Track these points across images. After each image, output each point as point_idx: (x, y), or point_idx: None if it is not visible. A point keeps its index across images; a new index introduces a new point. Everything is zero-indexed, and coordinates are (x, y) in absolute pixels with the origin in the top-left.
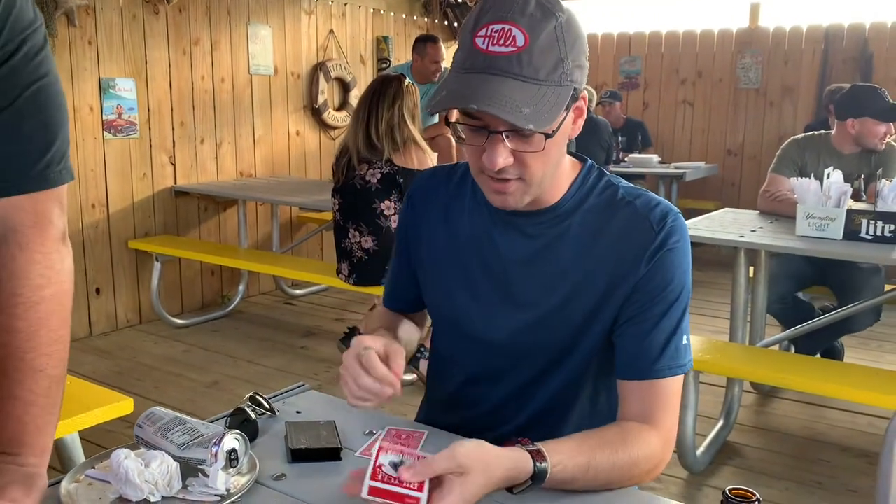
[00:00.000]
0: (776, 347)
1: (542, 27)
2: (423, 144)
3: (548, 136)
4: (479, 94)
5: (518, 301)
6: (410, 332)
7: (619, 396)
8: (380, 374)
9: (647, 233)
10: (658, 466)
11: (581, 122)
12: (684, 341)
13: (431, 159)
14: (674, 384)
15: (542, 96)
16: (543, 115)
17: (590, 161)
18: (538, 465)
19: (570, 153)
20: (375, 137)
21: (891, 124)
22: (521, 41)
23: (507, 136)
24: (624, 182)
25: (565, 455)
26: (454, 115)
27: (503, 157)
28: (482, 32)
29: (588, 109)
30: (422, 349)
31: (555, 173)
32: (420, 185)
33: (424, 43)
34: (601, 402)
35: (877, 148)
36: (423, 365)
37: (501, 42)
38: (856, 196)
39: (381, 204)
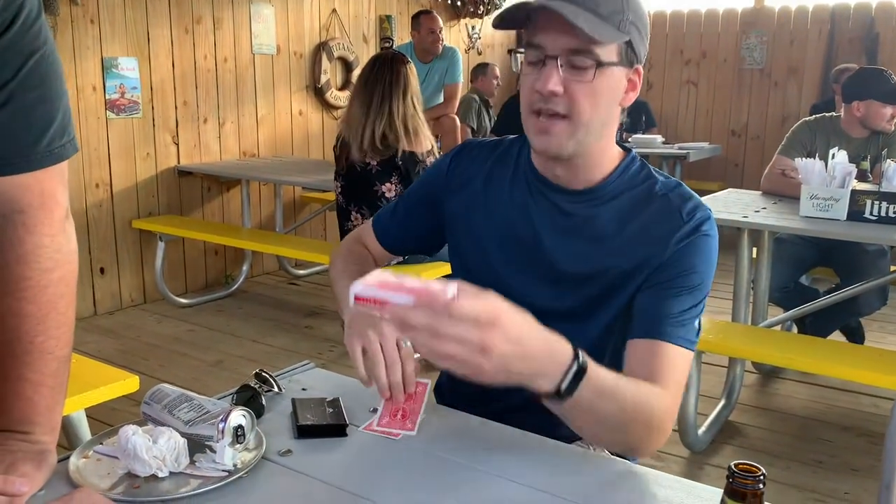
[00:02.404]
0: (778, 328)
1: None
2: (426, 127)
3: (599, 63)
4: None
5: (543, 269)
6: None
7: (626, 358)
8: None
9: (675, 221)
10: (663, 429)
11: (633, 95)
12: (696, 325)
13: (431, 141)
14: (681, 354)
15: (600, 25)
16: (597, 32)
17: (633, 151)
18: (581, 357)
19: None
20: (389, 130)
21: None
22: None
23: (561, 65)
24: (663, 175)
25: (597, 367)
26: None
27: (554, 80)
28: None
29: None
30: None
31: (602, 132)
32: (466, 152)
33: (418, 16)
34: None
35: (885, 130)
36: None
37: None
38: (862, 177)
39: (382, 186)
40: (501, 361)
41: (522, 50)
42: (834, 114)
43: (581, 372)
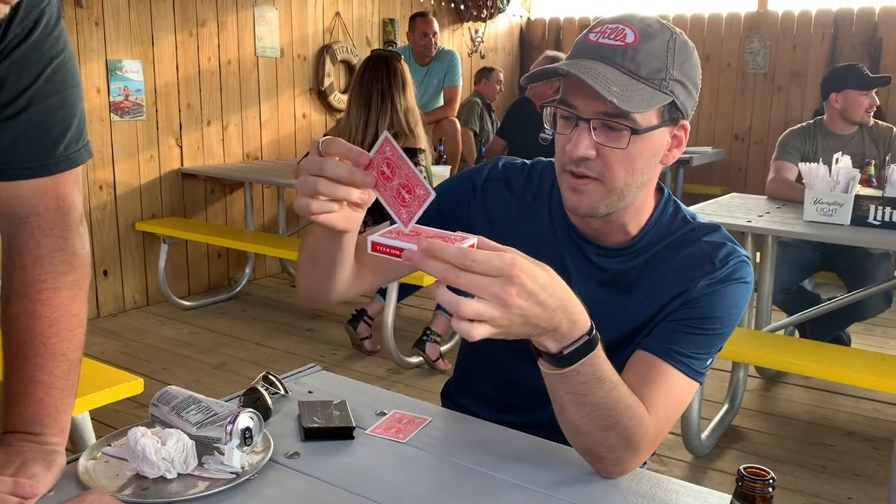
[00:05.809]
0: (781, 333)
1: (655, 35)
2: (421, 124)
3: (634, 131)
4: (573, 67)
5: None
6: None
7: (626, 365)
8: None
9: (706, 267)
10: (639, 452)
11: (677, 153)
12: (708, 362)
13: (424, 141)
14: (681, 381)
15: (637, 89)
16: (632, 101)
17: (666, 191)
18: (594, 332)
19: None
20: (392, 127)
21: (874, 95)
22: (630, 38)
23: (594, 128)
24: (699, 218)
25: (605, 357)
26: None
27: (585, 145)
28: (597, 30)
29: None
30: (428, 332)
31: (638, 193)
32: (499, 176)
33: (414, 19)
34: None
35: (864, 121)
36: (430, 348)
37: (612, 37)
38: (868, 183)
39: None
40: (521, 313)
41: (554, 103)
42: (817, 117)
43: (590, 345)
